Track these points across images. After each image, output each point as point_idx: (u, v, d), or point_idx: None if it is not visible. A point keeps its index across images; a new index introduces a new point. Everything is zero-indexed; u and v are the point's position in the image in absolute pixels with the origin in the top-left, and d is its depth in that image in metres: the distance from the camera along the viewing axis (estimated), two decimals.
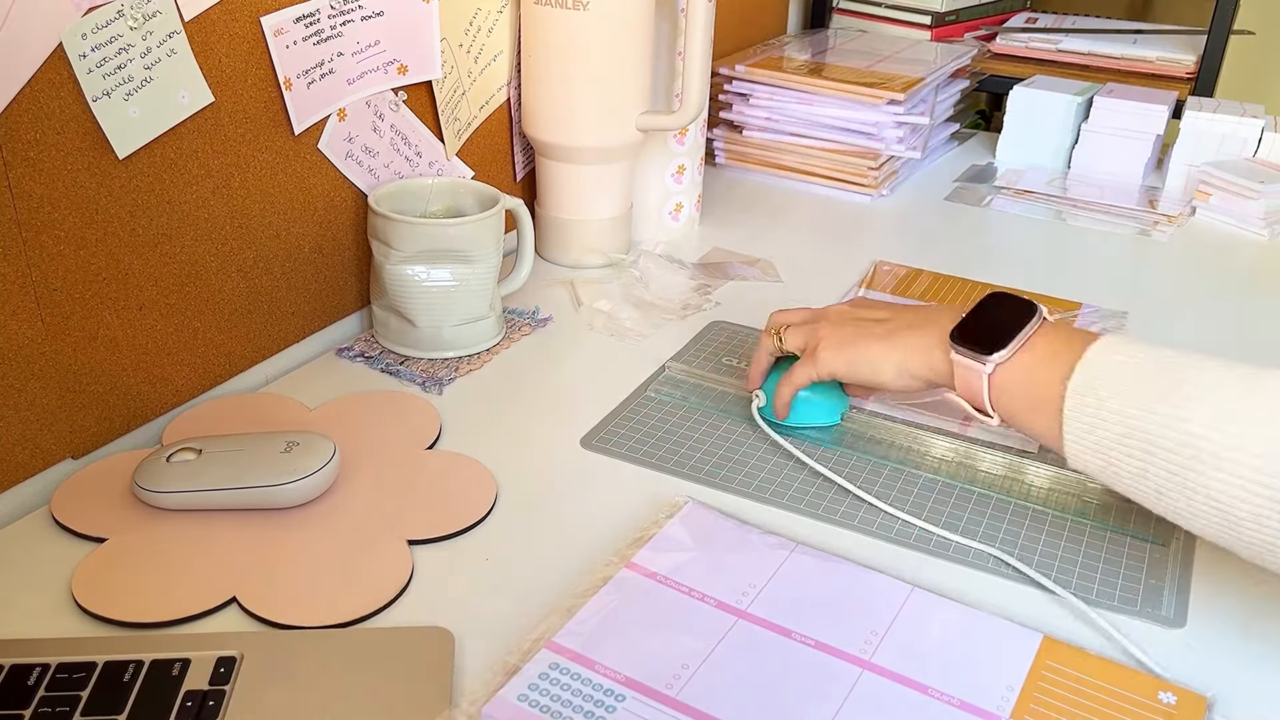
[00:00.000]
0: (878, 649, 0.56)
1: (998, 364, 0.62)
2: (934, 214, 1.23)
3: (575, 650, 0.54)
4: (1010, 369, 0.62)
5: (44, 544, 0.63)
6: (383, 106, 0.87)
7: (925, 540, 0.66)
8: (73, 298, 0.67)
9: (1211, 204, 1.23)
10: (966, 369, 0.63)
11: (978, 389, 0.63)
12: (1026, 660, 0.55)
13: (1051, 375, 0.60)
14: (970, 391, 0.63)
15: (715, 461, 0.73)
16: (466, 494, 0.68)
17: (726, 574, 0.60)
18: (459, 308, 0.84)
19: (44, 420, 0.67)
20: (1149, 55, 1.53)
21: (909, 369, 0.67)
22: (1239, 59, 1.79)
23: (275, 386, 0.81)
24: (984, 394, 0.62)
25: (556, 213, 1.02)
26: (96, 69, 0.64)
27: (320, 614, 0.57)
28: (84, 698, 0.50)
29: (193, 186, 0.73)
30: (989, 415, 0.63)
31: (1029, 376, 0.61)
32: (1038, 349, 0.62)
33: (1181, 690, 0.54)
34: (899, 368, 0.68)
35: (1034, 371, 0.61)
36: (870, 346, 0.69)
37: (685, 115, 1.00)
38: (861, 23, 1.64)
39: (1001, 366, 0.62)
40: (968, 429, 0.77)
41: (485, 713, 0.51)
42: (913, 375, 0.67)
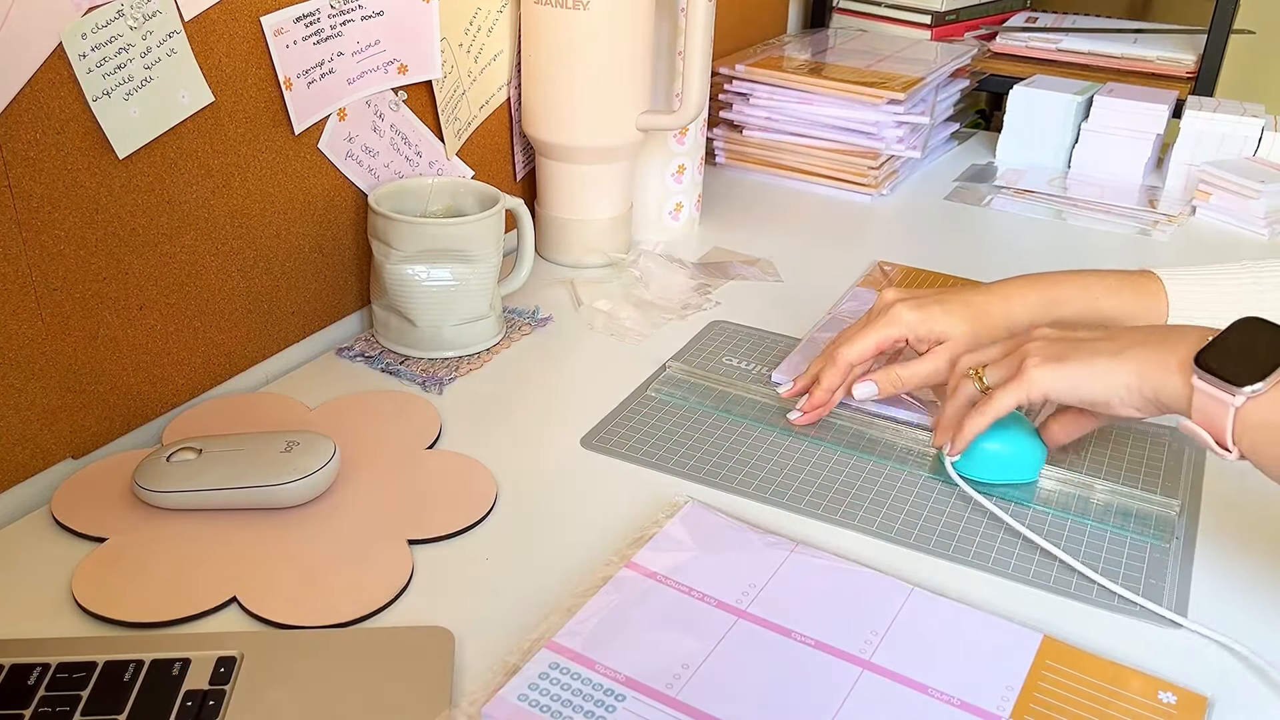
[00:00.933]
0: (878, 649, 0.56)
1: (1250, 397, 0.56)
2: (934, 214, 1.23)
3: (575, 650, 0.54)
4: (1263, 404, 0.56)
5: (44, 544, 0.63)
6: (383, 106, 0.87)
7: (925, 540, 0.66)
8: (73, 298, 0.67)
9: (1212, 203, 1.23)
10: (1211, 399, 0.57)
11: (1221, 422, 0.57)
12: (1026, 660, 0.55)
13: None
14: (1212, 424, 0.58)
15: (715, 461, 0.73)
16: (466, 494, 0.68)
17: (726, 574, 0.60)
18: (459, 307, 0.84)
19: (44, 420, 0.67)
20: (1149, 55, 1.53)
21: (1141, 390, 0.61)
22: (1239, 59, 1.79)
23: (275, 386, 0.81)
24: (1228, 428, 0.57)
25: (556, 213, 1.02)
26: (96, 69, 0.64)
27: (320, 614, 0.57)
28: (84, 698, 0.50)
29: (193, 186, 0.73)
30: (1228, 450, 0.58)
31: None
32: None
33: (1181, 690, 0.54)
34: (1129, 388, 0.61)
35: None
36: (1096, 362, 0.62)
37: (685, 115, 1.00)
38: (861, 22, 1.64)
39: (1254, 400, 0.56)
40: None
41: (485, 712, 0.51)
42: (1145, 398, 0.61)
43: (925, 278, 1.03)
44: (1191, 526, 0.69)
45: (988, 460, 0.69)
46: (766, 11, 1.54)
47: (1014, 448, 0.69)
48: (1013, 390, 0.64)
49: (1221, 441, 0.58)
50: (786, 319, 0.94)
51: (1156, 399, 0.61)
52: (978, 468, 0.70)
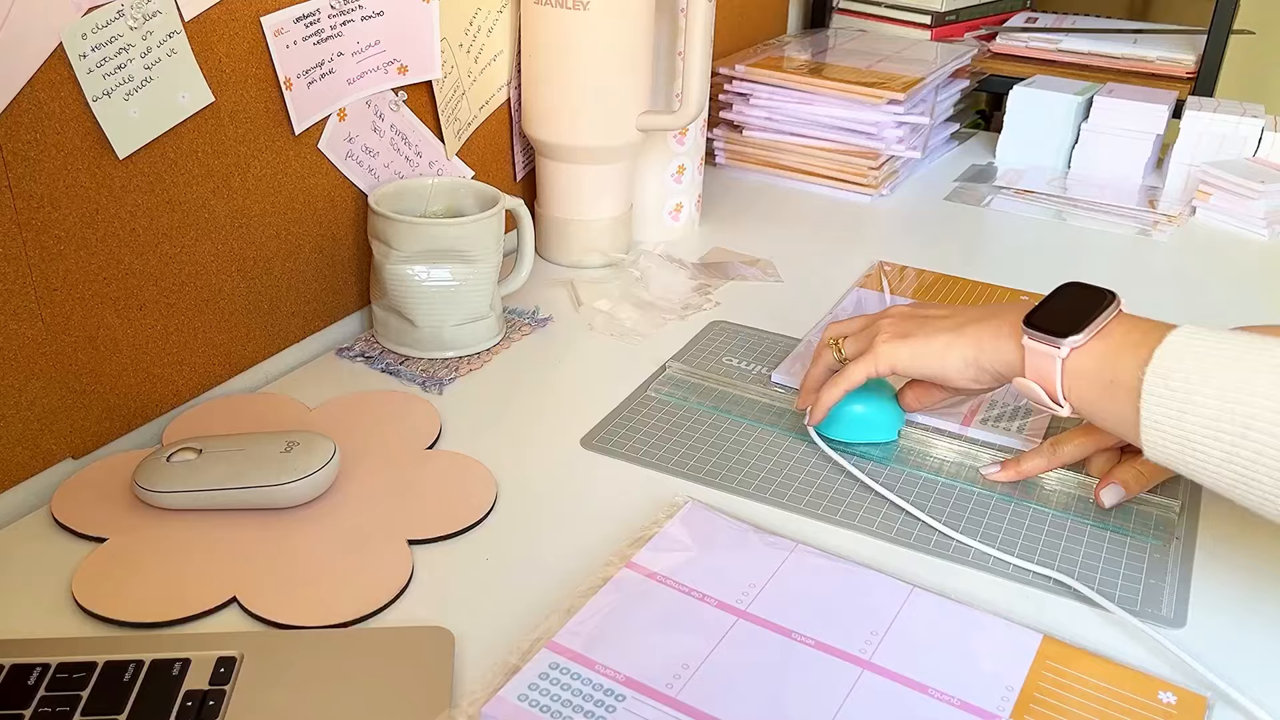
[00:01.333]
0: (878, 649, 0.56)
1: (1073, 348, 0.60)
2: (934, 214, 1.23)
3: (575, 650, 0.54)
4: (1086, 355, 0.60)
5: (44, 544, 0.63)
6: (383, 106, 0.87)
7: (925, 540, 0.66)
8: (73, 298, 0.67)
9: (1212, 204, 1.23)
10: (1040, 355, 0.61)
11: (1051, 375, 0.61)
12: (1026, 660, 0.55)
13: (1129, 361, 0.58)
14: (1043, 378, 0.62)
15: (715, 461, 0.73)
16: (466, 494, 0.68)
17: (726, 574, 0.60)
18: (459, 308, 0.84)
19: (44, 420, 0.67)
20: (1149, 55, 1.53)
21: (978, 361, 0.66)
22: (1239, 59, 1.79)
23: (275, 386, 0.81)
24: (1057, 381, 0.61)
25: (556, 213, 1.02)
26: (96, 69, 0.64)
27: (320, 614, 0.57)
28: (84, 698, 0.50)
29: (193, 186, 0.73)
30: (1059, 404, 0.62)
31: (1105, 363, 0.59)
32: (1115, 335, 0.60)
33: (1181, 690, 0.54)
34: (966, 359, 0.66)
35: (1111, 358, 0.59)
36: (936, 338, 0.67)
37: (685, 115, 1.00)
38: (862, 22, 1.64)
39: (1077, 352, 0.60)
40: (968, 429, 0.77)
41: (485, 712, 0.51)
42: (981, 367, 0.66)
43: (925, 278, 1.03)
44: (1191, 527, 0.68)
45: (849, 421, 0.74)
46: (766, 11, 1.54)
47: (873, 410, 0.74)
48: (863, 364, 0.70)
49: (1054, 395, 0.62)
50: (786, 319, 0.94)
51: (993, 369, 0.65)
52: (839, 429, 0.74)
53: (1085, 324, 0.61)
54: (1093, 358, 0.60)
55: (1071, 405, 0.62)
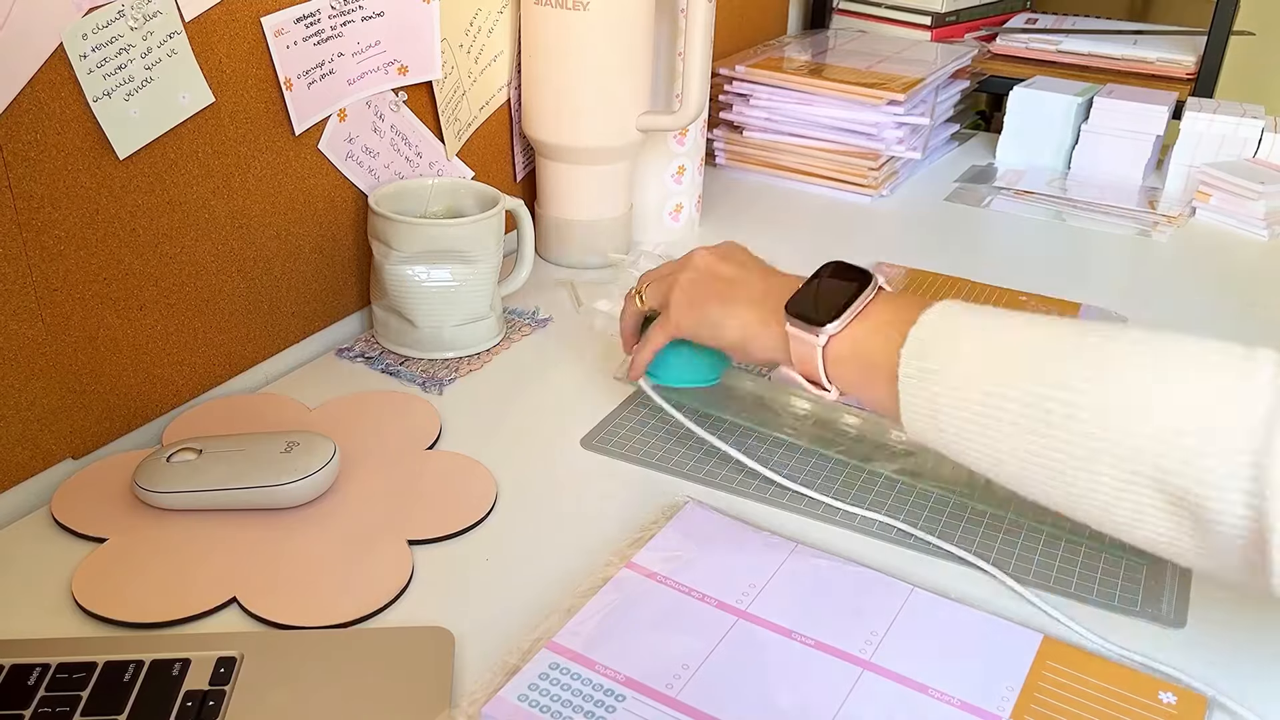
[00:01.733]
0: (878, 649, 0.56)
1: (831, 335, 0.60)
2: (934, 214, 1.23)
3: (575, 650, 0.54)
4: (844, 340, 0.60)
5: (44, 544, 0.63)
6: (383, 107, 0.87)
7: (926, 542, 0.66)
8: (73, 298, 0.67)
9: (1212, 204, 1.23)
10: (801, 342, 0.61)
11: (813, 362, 0.61)
12: (1026, 660, 0.55)
13: (886, 344, 0.58)
14: (806, 365, 0.62)
15: (715, 461, 0.73)
16: (466, 494, 0.68)
17: (726, 574, 0.60)
18: (459, 308, 0.84)
19: (44, 420, 0.67)
20: (1149, 56, 1.53)
21: (746, 346, 0.66)
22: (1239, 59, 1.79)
23: (275, 386, 0.81)
24: (819, 367, 0.61)
25: (556, 213, 1.02)
26: (97, 69, 0.64)
27: (320, 614, 0.57)
28: (84, 698, 0.50)
29: (193, 186, 0.73)
30: (826, 389, 0.62)
31: (863, 346, 0.59)
32: (872, 318, 0.60)
33: (1182, 690, 0.54)
34: (737, 340, 0.66)
35: (868, 341, 0.59)
36: (712, 309, 0.67)
37: (685, 115, 1.00)
38: (862, 23, 1.64)
39: (835, 338, 0.60)
40: None
41: (485, 713, 0.51)
42: (749, 352, 0.66)
43: (927, 279, 1.03)
44: None
45: (669, 367, 0.74)
46: (766, 12, 1.54)
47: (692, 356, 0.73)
48: (660, 327, 0.71)
49: (817, 381, 0.62)
50: None
51: (763, 355, 0.65)
52: (662, 373, 0.74)
53: (843, 308, 0.60)
54: (851, 342, 0.60)
55: (838, 389, 0.61)
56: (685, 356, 0.73)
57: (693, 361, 0.73)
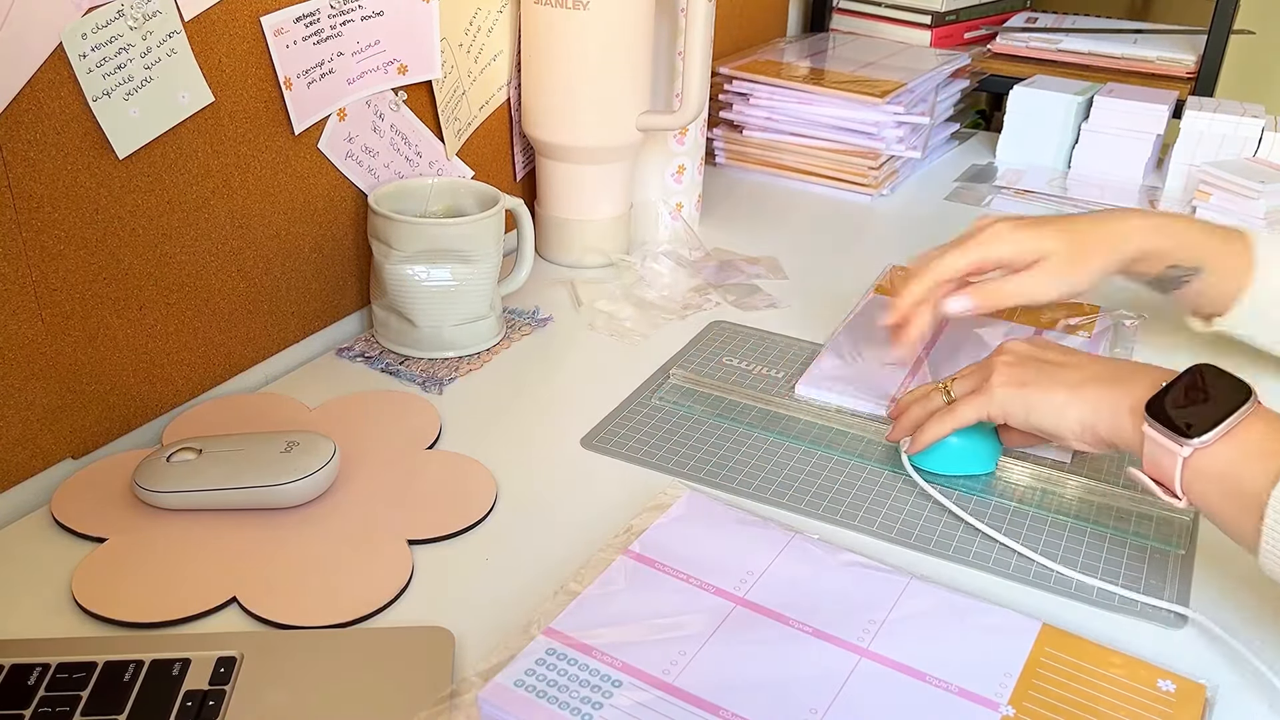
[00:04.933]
0: (876, 636, 0.56)
1: (1196, 449, 0.56)
2: (934, 214, 1.23)
3: (572, 636, 0.54)
4: (1211, 456, 0.56)
5: (44, 544, 0.63)
6: (383, 106, 0.87)
7: (925, 541, 0.66)
8: (73, 298, 0.67)
9: (1212, 203, 1.23)
10: (1160, 447, 0.57)
11: (1170, 471, 0.57)
12: (1025, 648, 0.55)
13: (1257, 472, 0.54)
14: (1160, 471, 0.58)
15: (716, 462, 0.73)
16: (466, 494, 0.68)
17: (725, 561, 0.61)
18: (459, 308, 0.84)
19: (44, 420, 0.67)
20: (1149, 55, 1.53)
21: (1095, 429, 0.62)
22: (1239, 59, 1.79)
23: (275, 386, 0.81)
24: (1176, 478, 0.57)
25: (556, 213, 1.02)
26: (96, 69, 0.64)
27: (320, 614, 0.57)
28: (84, 698, 0.50)
29: (193, 186, 0.73)
30: (1176, 497, 0.58)
31: (1232, 469, 0.55)
32: (1246, 440, 0.56)
33: (1180, 678, 0.54)
34: (1083, 424, 0.62)
35: (1238, 465, 0.55)
36: (1054, 393, 0.63)
37: (685, 115, 1.00)
38: (862, 22, 1.64)
39: (1201, 451, 0.56)
40: None
41: (482, 698, 0.50)
42: (1098, 436, 0.62)
43: None
44: (1192, 526, 0.68)
45: (947, 453, 0.70)
46: (766, 12, 1.54)
47: (972, 442, 0.70)
48: (975, 404, 0.66)
49: (1170, 489, 0.58)
50: (787, 319, 0.94)
51: (1108, 440, 0.62)
52: (936, 460, 0.71)
53: (1215, 421, 0.56)
54: (1218, 461, 0.56)
55: (1189, 500, 0.58)
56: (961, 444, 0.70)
57: (970, 448, 0.70)
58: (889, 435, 0.74)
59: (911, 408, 0.72)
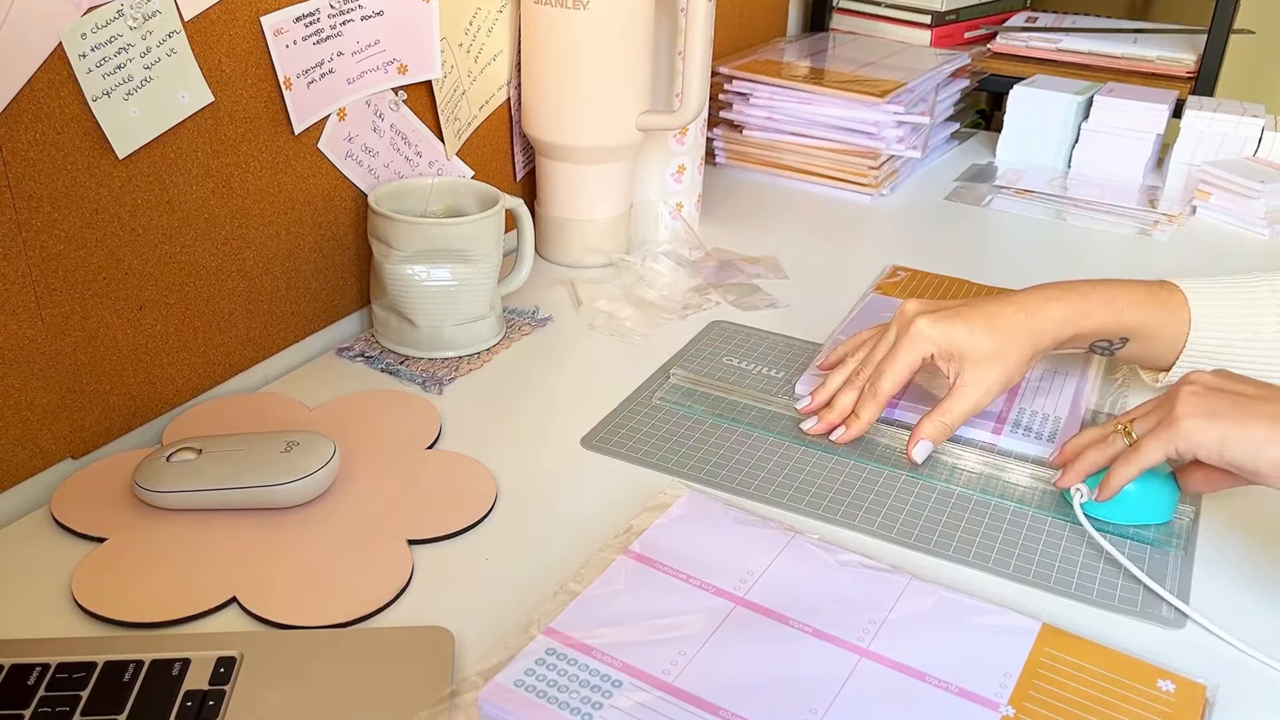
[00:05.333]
0: (875, 636, 0.56)
1: None
2: (934, 213, 1.23)
3: (572, 636, 0.54)
4: None
5: (44, 544, 0.63)
6: (383, 106, 0.87)
7: (925, 541, 0.66)
8: (73, 298, 0.67)
9: (1212, 203, 1.23)
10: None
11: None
12: (1025, 648, 0.56)
13: None
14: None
15: (716, 462, 0.73)
16: (466, 494, 0.68)
17: (725, 561, 0.61)
18: (459, 307, 0.84)
19: (44, 420, 0.67)
20: (1149, 54, 1.53)
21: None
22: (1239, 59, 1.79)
23: (275, 386, 0.81)
24: None
25: (556, 213, 1.02)
26: (96, 69, 0.64)
27: (320, 614, 0.57)
28: (84, 698, 0.50)
29: (193, 186, 0.73)
30: None
31: None
32: None
33: (1180, 678, 0.54)
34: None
35: None
36: (1255, 425, 0.58)
37: (685, 115, 1.00)
38: (862, 22, 1.64)
39: None
40: (999, 439, 0.77)
41: (482, 698, 0.50)
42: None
43: (927, 279, 1.03)
44: (1192, 526, 0.68)
45: (1124, 501, 0.66)
46: (766, 12, 1.54)
47: (1148, 488, 0.66)
48: (1161, 442, 0.61)
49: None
50: (787, 319, 0.94)
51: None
52: (1112, 510, 0.67)
53: None
54: None
55: None
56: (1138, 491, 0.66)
57: (1148, 495, 0.66)
58: (1059, 481, 0.68)
59: (1088, 451, 0.67)
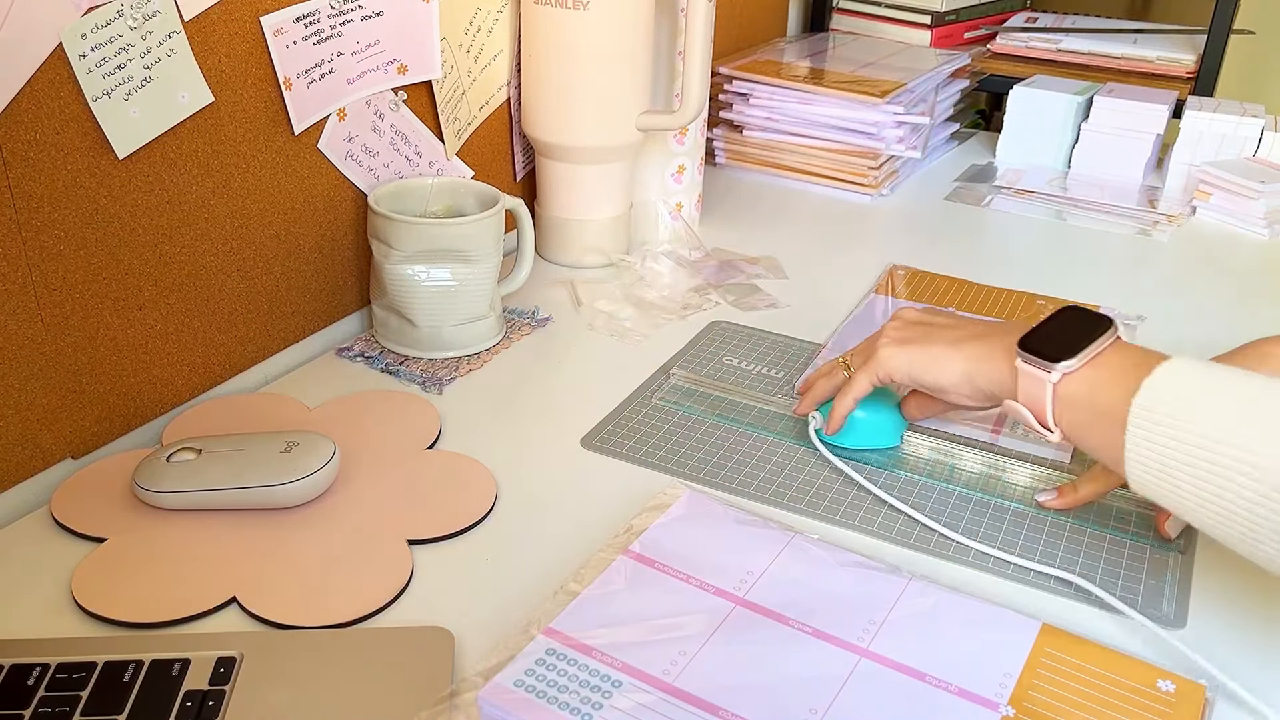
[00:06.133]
0: (875, 636, 0.56)
1: (1064, 374, 0.59)
2: (934, 214, 1.23)
3: (572, 636, 0.54)
4: (1077, 381, 0.59)
5: (44, 544, 0.63)
6: (383, 106, 0.87)
7: (925, 541, 0.66)
8: (73, 298, 0.67)
9: (1212, 203, 1.23)
10: (1031, 378, 0.61)
11: (1041, 400, 0.60)
12: (1025, 648, 0.56)
13: (1118, 391, 0.57)
14: (1034, 402, 0.61)
15: (716, 462, 0.73)
16: (466, 494, 0.68)
17: (725, 561, 0.61)
18: (459, 308, 0.84)
19: (44, 420, 0.67)
20: (1149, 55, 1.53)
21: (973, 378, 0.65)
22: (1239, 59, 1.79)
23: (275, 386, 0.81)
24: (1047, 406, 0.60)
25: (556, 213, 1.02)
26: (96, 69, 0.64)
27: (320, 614, 0.57)
28: (84, 698, 0.50)
29: (193, 186, 0.73)
30: (1050, 430, 0.61)
31: (1095, 391, 0.59)
32: (1107, 364, 0.59)
33: (1180, 679, 0.54)
34: (961, 375, 0.65)
35: (1100, 386, 0.58)
36: (934, 349, 0.67)
37: (685, 115, 1.00)
38: (862, 22, 1.64)
39: (1068, 377, 0.59)
40: (999, 439, 0.77)
41: (482, 698, 0.50)
42: (975, 385, 0.65)
43: (927, 279, 1.03)
44: (1191, 529, 0.68)
45: (852, 427, 0.73)
46: (766, 12, 1.54)
47: (876, 416, 0.74)
48: (867, 370, 0.70)
49: (1043, 420, 0.61)
50: (787, 319, 0.94)
51: (987, 388, 0.65)
52: (842, 435, 0.74)
53: (1079, 349, 0.60)
54: (1083, 384, 0.59)
55: (1061, 431, 0.61)
56: (866, 418, 0.73)
57: (874, 423, 0.74)
58: (796, 409, 0.77)
59: (818, 383, 0.75)
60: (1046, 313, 0.65)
